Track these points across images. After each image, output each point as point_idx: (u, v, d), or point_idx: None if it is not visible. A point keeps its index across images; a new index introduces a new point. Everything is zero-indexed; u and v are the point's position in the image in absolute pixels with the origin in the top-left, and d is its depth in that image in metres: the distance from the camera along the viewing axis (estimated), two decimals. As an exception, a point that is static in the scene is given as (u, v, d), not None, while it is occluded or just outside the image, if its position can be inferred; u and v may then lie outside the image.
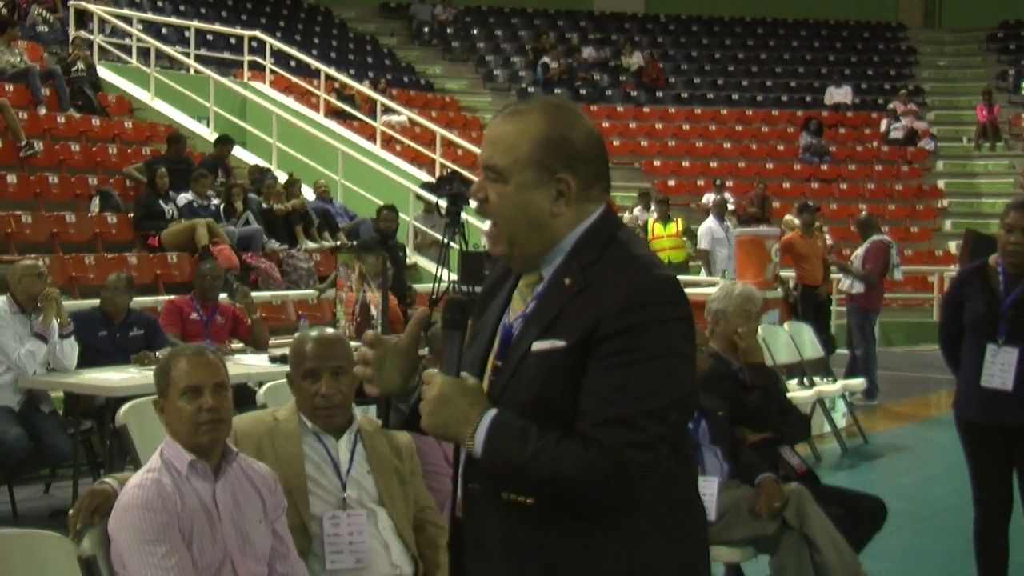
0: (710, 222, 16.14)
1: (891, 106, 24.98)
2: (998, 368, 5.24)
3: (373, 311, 9.02)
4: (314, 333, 3.93)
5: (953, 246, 21.12)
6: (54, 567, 3.27)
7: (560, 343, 2.38)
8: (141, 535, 3.23)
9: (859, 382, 11.33)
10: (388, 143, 18.64)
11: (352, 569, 3.71)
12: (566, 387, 2.37)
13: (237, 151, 15.59)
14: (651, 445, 2.33)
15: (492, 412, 2.39)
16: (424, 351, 7.87)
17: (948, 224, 22.57)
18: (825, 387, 10.15)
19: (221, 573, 3.37)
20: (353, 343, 8.70)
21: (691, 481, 2.60)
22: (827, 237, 15.17)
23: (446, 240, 10.11)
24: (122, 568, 3.27)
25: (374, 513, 3.78)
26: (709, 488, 5.02)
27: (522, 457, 2.34)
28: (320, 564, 3.71)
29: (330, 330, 4.03)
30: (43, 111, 14.34)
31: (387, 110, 19.52)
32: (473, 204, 2.71)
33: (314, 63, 19.57)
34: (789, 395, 9.22)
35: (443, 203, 10.11)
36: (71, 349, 7.61)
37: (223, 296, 9.17)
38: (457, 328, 2.46)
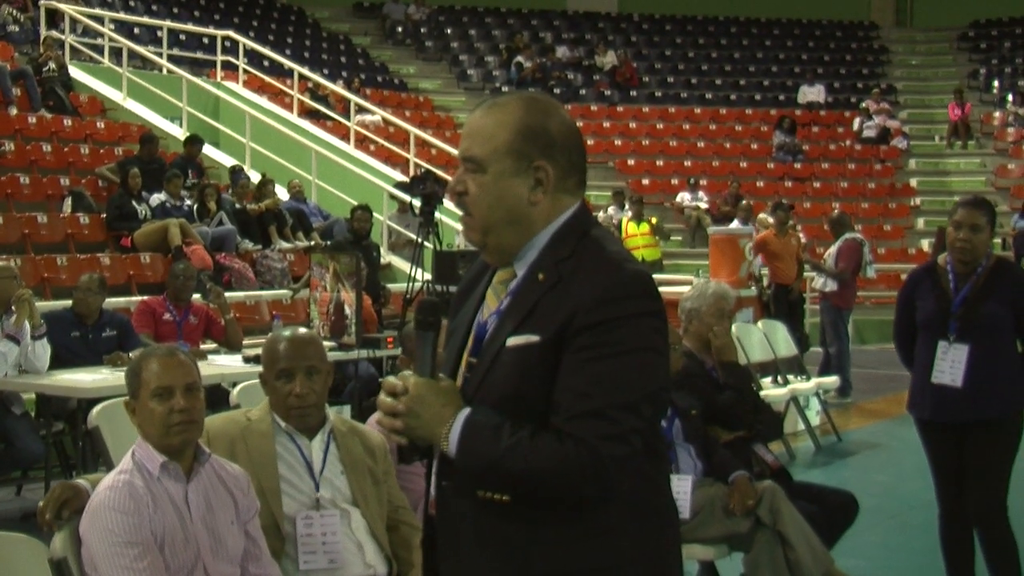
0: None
1: (864, 105, 25.08)
2: (948, 365, 5.31)
3: (347, 311, 9.01)
4: (287, 333, 3.92)
5: (926, 244, 21.20)
6: (25, 569, 3.26)
7: (535, 338, 2.39)
8: (113, 537, 3.21)
9: (833, 380, 11.36)
10: (362, 143, 18.62)
11: (325, 569, 3.70)
12: (541, 382, 2.38)
13: (211, 151, 15.54)
14: (626, 438, 2.34)
15: (466, 411, 2.39)
16: (397, 351, 7.85)
17: (921, 222, 22.67)
18: (799, 385, 10.19)
19: (193, 575, 3.36)
20: (327, 343, 8.69)
21: (663, 479, 2.60)
22: (801, 235, 15.22)
23: (420, 240, 10.09)
24: (93, 571, 3.25)
25: (347, 513, 3.77)
26: (683, 486, 5.04)
27: (496, 454, 2.34)
28: (293, 565, 3.69)
29: (303, 330, 4.02)
30: (14, 111, 14.26)
31: (361, 110, 19.49)
32: (451, 199, 2.71)
33: (287, 63, 19.51)
34: (763, 393, 9.31)
35: (417, 203, 10.09)
36: (43, 351, 7.56)
37: (196, 296, 9.14)
38: (430, 329, 2.46)
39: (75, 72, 16.47)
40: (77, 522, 3.29)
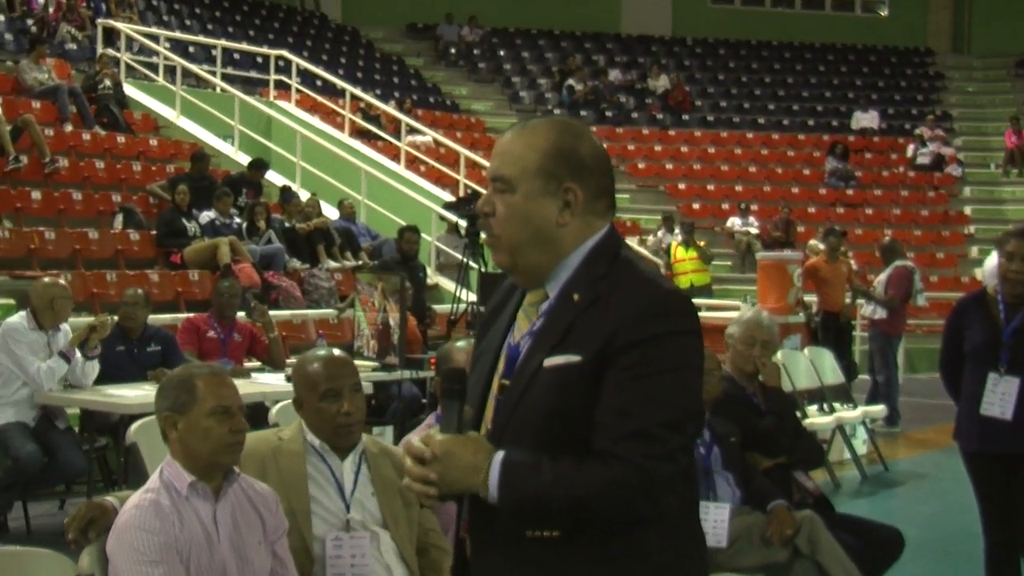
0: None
1: (918, 131, 24.86)
2: (998, 397, 5.21)
3: (392, 331, 9.01)
4: (321, 354, 3.90)
5: (979, 273, 20.94)
6: (53, 585, 3.26)
7: (575, 358, 2.38)
8: (138, 556, 3.21)
9: (880, 408, 11.23)
10: (412, 163, 18.66)
11: (353, 592, 3.68)
12: (581, 401, 2.36)
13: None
14: (673, 456, 2.34)
15: (500, 454, 2.36)
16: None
17: (975, 250, 22.41)
18: (845, 413, 10.07)
19: (220, 594, 3.35)
20: (370, 363, 8.69)
21: (695, 501, 2.61)
22: (852, 262, 15.08)
23: (465, 260, 10.09)
24: (119, 588, 3.25)
25: (377, 535, 3.74)
26: (721, 514, 4.98)
27: (541, 489, 2.31)
28: (321, 586, 3.67)
29: (336, 351, 4.00)
30: (69, 128, 14.41)
31: (412, 130, 19.55)
32: (479, 224, 2.70)
33: (340, 83, 19.62)
34: (808, 421, 9.23)
35: (463, 223, 10.09)
36: (92, 370, 7.63)
37: (241, 314, 9.16)
38: (455, 398, 2.43)
39: (130, 90, 16.63)
40: (105, 540, 3.29)
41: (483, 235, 2.53)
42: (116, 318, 7.90)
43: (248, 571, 3.40)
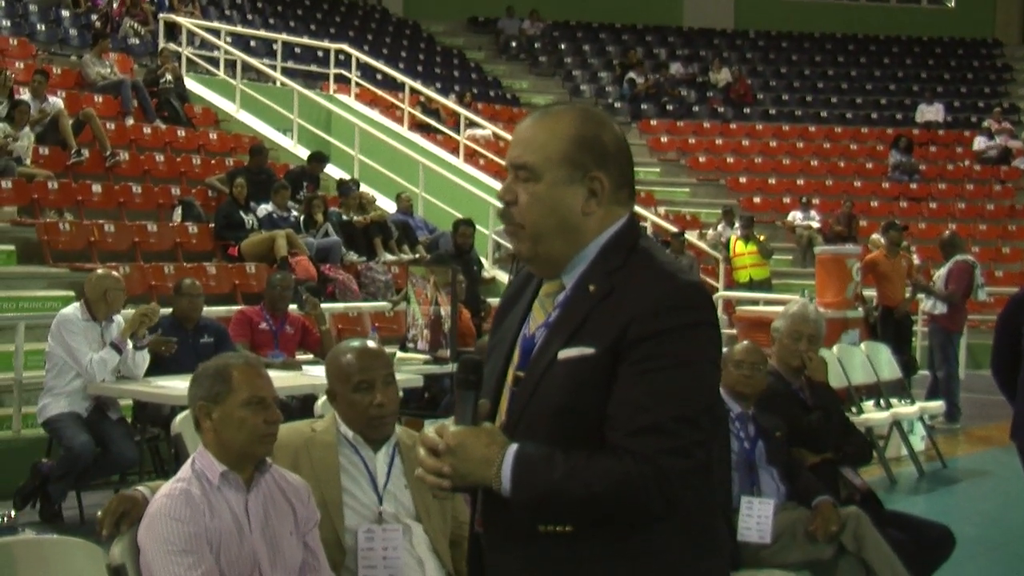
0: None
1: (985, 124, 24.51)
2: None
3: (444, 324, 9.01)
4: (355, 344, 3.89)
5: (1047, 267, 20.66)
6: (84, 574, 3.27)
7: (589, 350, 2.35)
8: (168, 545, 3.21)
9: (938, 404, 11.07)
10: (471, 157, 18.66)
11: (385, 584, 3.66)
12: (595, 394, 2.33)
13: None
14: (688, 451, 2.30)
15: (513, 446, 2.33)
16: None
17: (1041, 244, 22.10)
18: (901, 409, 9.92)
19: (250, 585, 3.35)
20: (423, 355, 8.68)
21: (712, 496, 2.54)
22: (914, 257, 14.89)
23: (519, 253, 10.06)
24: (150, 577, 3.26)
25: (409, 528, 3.72)
26: (765, 510, 4.91)
27: (553, 483, 2.28)
28: (353, 578, 3.66)
29: (371, 342, 3.99)
30: (130, 122, 14.56)
31: (471, 124, 19.55)
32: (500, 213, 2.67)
33: (400, 76, 19.66)
34: (864, 417, 9.13)
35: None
36: (142, 360, 7.70)
37: (293, 307, 9.20)
38: (471, 388, 2.40)
39: (190, 84, 16.79)
40: (136, 530, 3.30)
41: (504, 224, 2.49)
42: (155, 306, 7.92)
43: (279, 562, 3.39)
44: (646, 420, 2.28)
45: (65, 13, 18.45)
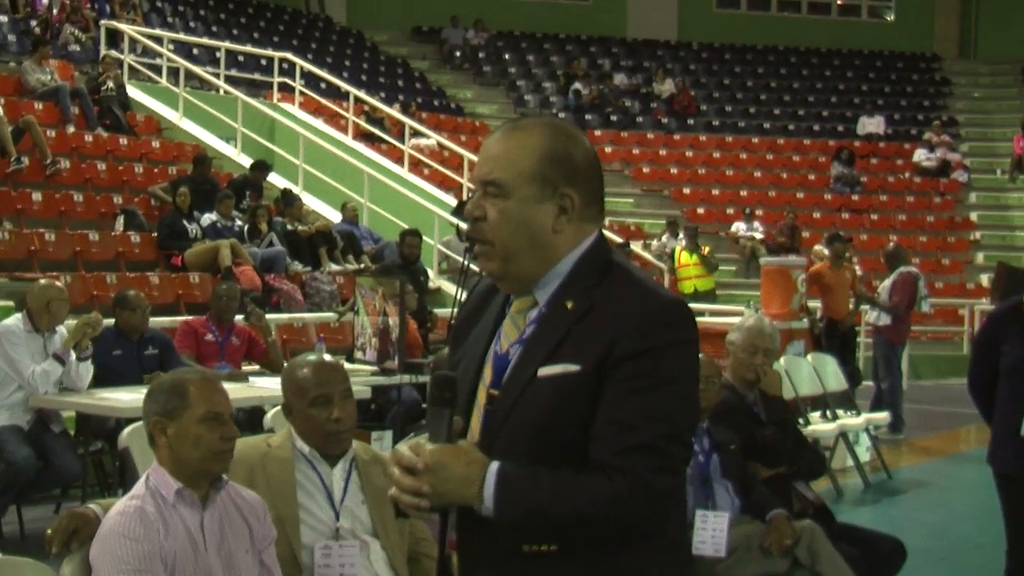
0: None
1: (925, 137, 24.79)
2: None
3: (392, 335, 8.96)
4: (311, 359, 3.84)
5: (985, 279, 20.90)
6: (34, 595, 3.20)
7: (573, 367, 2.31)
8: (122, 564, 3.14)
9: (883, 416, 11.16)
10: (416, 167, 18.61)
11: (343, 601, 3.61)
12: (578, 411, 2.30)
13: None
14: (676, 469, 2.31)
15: (494, 465, 2.27)
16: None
17: (980, 257, 22.36)
18: (848, 420, 9.98)
19: (205, 604, 3.28)
20: (369, 367, 8.63)
21: (684, 512, 2.57)
22: (857, 268, 15.00)
23: (466, 264, 10.02)
24: (102, 597, 3.18)
25: (367, 544, 3.67)
26: (720, 523, 4.90)
27: (539, 501, 2.24)
28: (310, 596, 3.60)
29: (327, 356, 3.94)
30: (71, 129, 14.37)
31: (416, 133, 19.49)
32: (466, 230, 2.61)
33: (344, 85, 19.57)
34: (811, 428, 9.16)
35: (464, 226, 10.03)
36: (86, 371, 7.57)
37: (239, 318, 9.11)
38: (445, 405, 2.33)
39: (132, 91, 16.59)
40: (88, 549, 3.22)
41: (474, 243, 2.44)
42: (97, 315, 7.79)
43: (235, 580, 3.33)
44: (636, 439, 2.25)
45: (3, 19, 18.18)
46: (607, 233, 17.04)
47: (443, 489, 2.26)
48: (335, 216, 15.05)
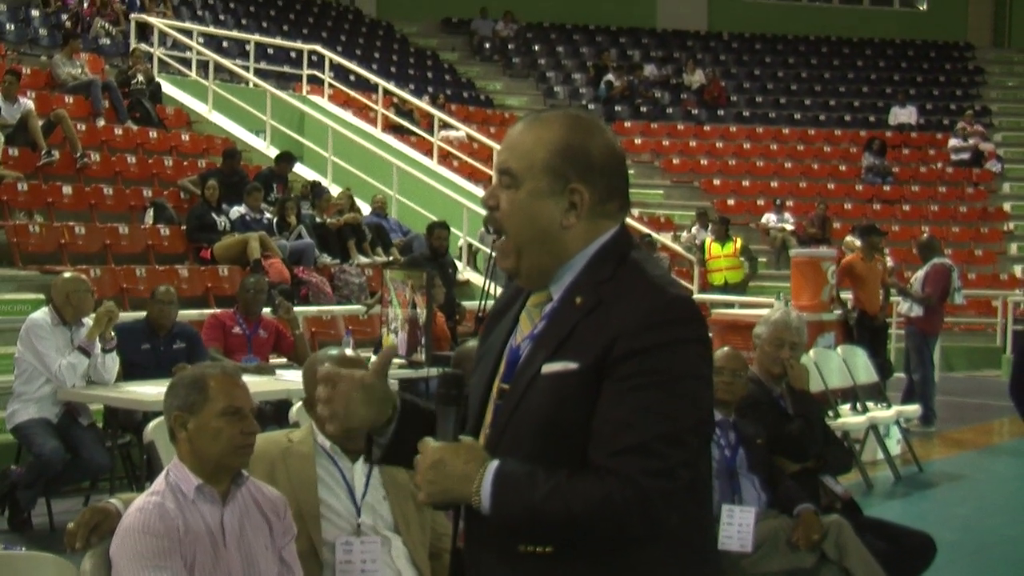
0: None
1: (958, 127, 24.59)
2: None
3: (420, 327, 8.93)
4: (332, 352, 3.82)
5: (1019, 270, 20.75)
6: (55, 590, 3.20)
7: (572, 365, 2.27)
8: (141, 560, 3.13)
9: (914, 408, 11.05)
10: (445, 159, 18.59)
11: (364, 598, 3.59)
12: (578, 410, 2.26)
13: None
14: (672, 472, 2.21)
15: (494, 463, 2.26)
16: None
17: (1014, 248, 22.17)
18: (878, 413, 9.89)
19: (225, 600, 3.27)
20: (397, 359, 8.62)
21: (705, 514, 2.46)
22: (888, 260, 14.88)
23: (493, 254, 10.00)
24: (122, 593, 3.18)
25: (388, 540, 3.66)
26: (746, 518, 4.86)
27: (534, 501, 2.21)
28: (331, 592, 3.59)
29: (348, 350, 3.92)
30: (102, 123, 14.42)
31: (445, 126, 19.47)
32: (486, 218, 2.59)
33: (373, 77, 19.57)
34: (841, 421, 9.10)
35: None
36: (112, 363, 7.59)
37: (267, 310, 9.11)
38: (452, 403, 2.33)
39: (163, 85, 16.62)
40: (108, 543, 3.22)
41: (493, 238, 2.43)
42: (111, 304, 7.78)
43: (255, 576, 3.32)
44: (630, 439, 2.20)
45: (35, 13, 18.27)
46: (635, 225, 17.06)
47: (444, 486, 2.27)
48: (364, 208, 15.05)
